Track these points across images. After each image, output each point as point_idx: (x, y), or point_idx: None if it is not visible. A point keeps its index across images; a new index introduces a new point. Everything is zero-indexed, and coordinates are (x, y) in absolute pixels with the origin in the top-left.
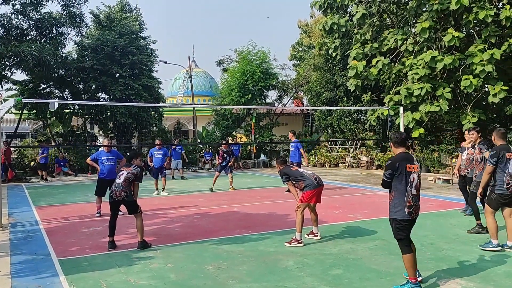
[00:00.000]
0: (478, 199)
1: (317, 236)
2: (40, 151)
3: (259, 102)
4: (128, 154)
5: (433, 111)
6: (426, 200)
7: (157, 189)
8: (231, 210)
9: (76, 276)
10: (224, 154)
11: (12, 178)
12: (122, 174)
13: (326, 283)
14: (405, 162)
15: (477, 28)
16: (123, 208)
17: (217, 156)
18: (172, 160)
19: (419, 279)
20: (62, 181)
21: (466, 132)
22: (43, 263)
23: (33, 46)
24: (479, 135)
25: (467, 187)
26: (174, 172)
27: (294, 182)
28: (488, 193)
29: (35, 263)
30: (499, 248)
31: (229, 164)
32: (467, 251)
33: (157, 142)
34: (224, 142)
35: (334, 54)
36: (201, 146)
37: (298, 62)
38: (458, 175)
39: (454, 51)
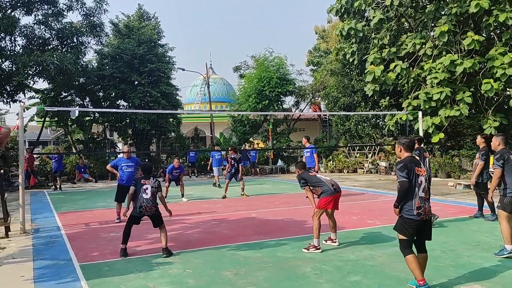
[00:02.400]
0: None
1: (335, 242)
2: (52, 157)
3: (276, 108)
4: (144, 166)
5: (453, 115)
6: (447, 206)
7: (165, 197)
8: (249, 216)
9: (97, 281)
10: (233, 161)
11: (35, 185)
12: (147, 189)
13: None
14: (414, 164)
15: (498, 31)
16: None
17: (226, 164)
18: (213, 167)
19: None
20: (83, 187)
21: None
22: (65, 268)
23: (54, 55)
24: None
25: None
26: (218, 179)
27: (311, 188)
28: (500, 198)
29: (57, 268)
30: None
31: (239, 170)
32: (488, 258)
33: (175, 161)
34: (231, 149)
35: (351, 59)
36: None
37: (315, 67)
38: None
39: (474, 55)
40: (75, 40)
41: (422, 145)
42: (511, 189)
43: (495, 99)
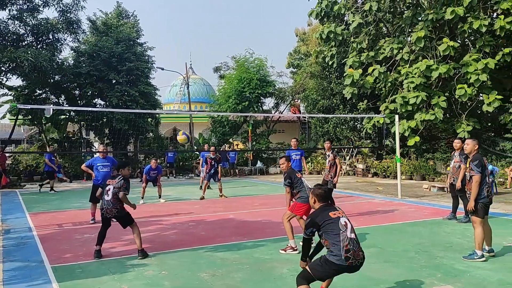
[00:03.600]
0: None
1: (296, 250)
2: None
3: (256, 109)
4: (119, 164)
5: (428, 119)
6: (422, 208)
7: (142, 197)
8: (227, 217)
9: (69, 284)
10: (212, 161)
11: (6, 184)
12: (109, 190)
13: None
14: (326, 211)
15: (472, 38)
16: None
17: (205, 165)
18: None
19: None
20: (57, 187)
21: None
22: (36, 270)
23: (29, 52)
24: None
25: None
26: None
27: (292, 190)
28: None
29: (28, 270)
30: (483, 259)
31: (218, 171)
32: (460, 259)
33: (152, 162)
34: (212, 150)
35: (330, 62)
36: (197, 153)
37: (295, 69)
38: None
39: (449, 60)
40: (50, 37)
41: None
42: (482, 195)
43: (469, 104)
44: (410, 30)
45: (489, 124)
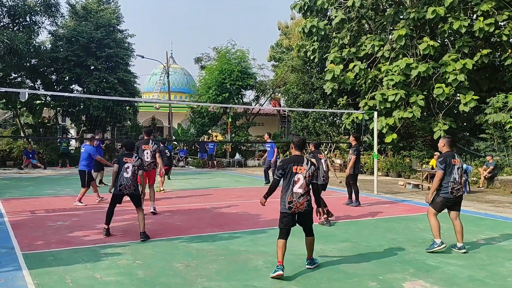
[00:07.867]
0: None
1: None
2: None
3: (236, 101)
4: (126, 144)
5: (406, 117)
6: (396, 205)
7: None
8: (203, 208)
9: (40, 271)
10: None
11: None
12: (128, 168)
13: (295, 283)
14: (292, 164)
15: (452, 38)
16: (89, 201)
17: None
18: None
19: None
20: (31, 173)
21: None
22: (6, 257)
23: (5, 34)
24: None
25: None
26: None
27: None
28: (434, 196)
29: None
30: (443, 246)
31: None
32: (432, 255)
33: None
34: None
35: (312, 57)
36: (175, 143)
37: (277, 63)
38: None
39: (428, 59)
40: (28, 19)
41: (319, 149)
42: (445, 190)
43: (446, 103)
44: (391, 28)
45: (465, 124)
